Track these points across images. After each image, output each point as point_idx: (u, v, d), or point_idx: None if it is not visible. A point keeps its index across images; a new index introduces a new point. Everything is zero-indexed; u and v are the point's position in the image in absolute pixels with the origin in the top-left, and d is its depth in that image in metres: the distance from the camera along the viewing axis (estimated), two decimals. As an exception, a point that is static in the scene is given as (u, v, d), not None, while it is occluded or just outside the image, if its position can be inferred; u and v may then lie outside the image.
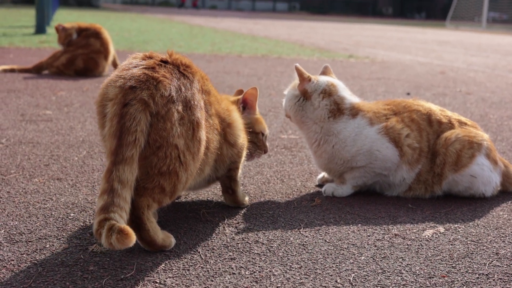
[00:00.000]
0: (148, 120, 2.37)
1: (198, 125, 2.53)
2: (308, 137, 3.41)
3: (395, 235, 2.79)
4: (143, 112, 2.35)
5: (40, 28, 14.24)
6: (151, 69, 2.47)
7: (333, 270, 2.38)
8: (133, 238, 2.13)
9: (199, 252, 2.48)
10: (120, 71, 2.50)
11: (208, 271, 2.31)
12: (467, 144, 3.31)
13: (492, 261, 2.53)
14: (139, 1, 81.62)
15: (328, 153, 3.34)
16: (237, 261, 2.42)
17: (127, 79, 2.42)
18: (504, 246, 2.70)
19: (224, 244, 2.58)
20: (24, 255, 2.37)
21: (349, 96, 3.39)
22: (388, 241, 2.72)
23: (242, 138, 2.99)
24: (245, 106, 3.17)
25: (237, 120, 2.95)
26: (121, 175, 2.28)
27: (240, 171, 3.08)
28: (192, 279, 2.24)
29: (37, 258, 2.35)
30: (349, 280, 2.30)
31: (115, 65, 8.10)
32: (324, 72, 3.54)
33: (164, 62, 2.56)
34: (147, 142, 2.38)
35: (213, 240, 2.62)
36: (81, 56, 7.68)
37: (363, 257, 2.52)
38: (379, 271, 2.39)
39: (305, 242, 2.66)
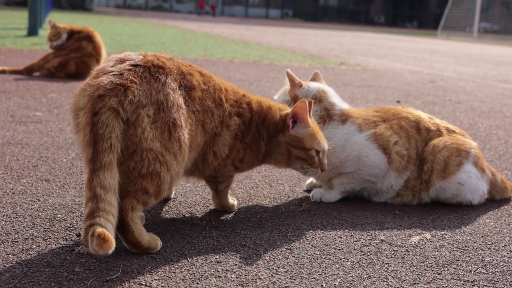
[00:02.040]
0: (121, 126, 2.38)
1: (174, 126, 2.50)
2: None
3: (382, 241, 2.80)
4: (115, 119, 2.36)
5: (32, 30, 14.21)
6: (118, 76, 2.46)
7: (319, 274, 2.38)
8: (110, 242, 2.13)
9: (185, 255, 2.48)
10: (90, 79, 2.52)
11: (194, 274, 2.31)
12: (455, 151, 3.33)
13: (477, 268, 2.54)
14: (132, 5, 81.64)
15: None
16: (223, 264, 2.42)
17: (95, 87, 2.43)
18: (490, 254, 2.72)
19: (211, 247, 2.58)
20: (10, 255, 2.37)
21: (339, 103, 3.41)
22: (374, 246, 2.73)
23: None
24: (296, 120, 2.93)
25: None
26: (102, 181, 2.29)
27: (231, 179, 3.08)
28: (178, 281, 2.24)
29: (23, 259, 2.35)
30: (335, 285, 2.30)
31: (106, 68, 8.07)
32: (314, 78, 3.55)
33: (135, 66, 2.53)
34: (124, 147, 2.39)
35: (200, 243, 2.62)
36: (73, 60, 7.67)
37: (349, 262, 2.52)
38: (365, 276, 2.40)
39: (291, 246, 2.66)
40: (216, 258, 2.47)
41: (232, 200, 3.15)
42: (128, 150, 2.40)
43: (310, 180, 3.61)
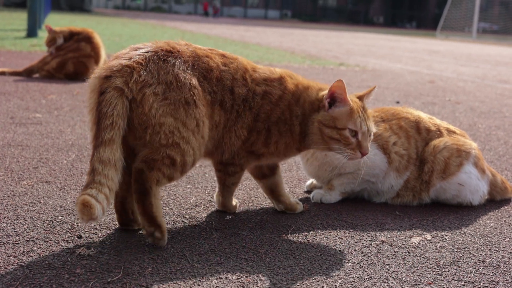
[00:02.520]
0: (126, 104, 2.47)
1: (188, 104, 2.56)
2: None
3: (382, 242, 2.81)
4: (119, 98, 2.47)
5: (31, 32, 14.21)
6: (127, 59, 2.56)
7: (320, 275, 2.39)
8: (91, 208, 2.24)
9: (186, 256, 2.48)
10: (104, 64, 2.64)
11: (195, 275, 2.32)
12: (455, 152, 3.33)
13: (478, 269, 2.55)
14: (131, 6, 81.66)
15: (319, 160, 3.35)
16: (224, 265, 2.42)
17: (104, 69, 2.55)
18: (490, 254, 2.72)
19: (211, 249, 2.58)
20: (11, 257, 2.37)
21: None
22: (375, 247, 2.73)
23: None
24: (334, 100, 2.82)
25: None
26: (101, 156, 2.40)
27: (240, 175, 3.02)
28: (179, 283, 2.24)
29: (24, 261, 2.35)
30: (336, 286, 2.31)
31: (106, 69, 8.08)
32: None
33: (146, 52, 2.62)
34: (135, 126, 2.51)
35: (201, 244, 2.62)
36: (71, 60, 7.67)
37: (350, 263, 2.53)
38: (366, 277, 2.40)
39: (292, 247, 2.66)
40: (217, 260, 2.47)
41: (235, 202, 3.15)
42: (141, 127, 2.51)
43: (311, 181, 3.61)
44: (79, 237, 2.62)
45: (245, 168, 3.00)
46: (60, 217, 2.85)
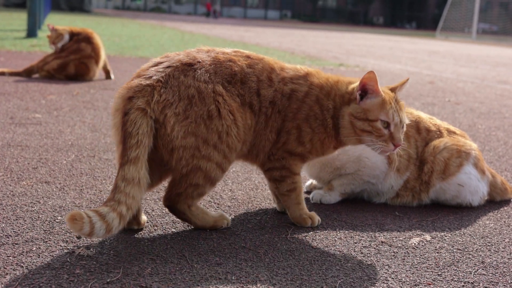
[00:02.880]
0: (150, 123, 2.53)
1: (210, 117, 2.60)
2: None
3: (382, 242, 2.81)
4: (143, 117, 2.52)
5: (31, 32, 14.22)
6: (147, 78, 2.59)
7: (319, 276, 2.39)
8: (77, 223, 2.27)
9: (185, 257, 2.48)
10: (127, 82, 2.67)
11: (194, 275, 2.31)
12: (455, 153, 3.33)
13: (477, 270, 2.54)
14: (130, 7, 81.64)
15: (321, 161, 3.35)
16: (223, 266, 2.42)
17: (127, 89, 2.59)
18: (490, 255, 2.72)
19: (211, 249, 2.58)
20: (10, 258, 2.37)
21: None
22: (374, 248, 2.73)
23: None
24: (365, 92, 2.78)
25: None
26: (126, 174, 2.45)
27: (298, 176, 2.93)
28: (178, 283, 2.24)
29: (23, 261, 2.35)
30: (335, 286, 2.30)
31: (106, 70, 8.10)
32: None
33: (166, 67, 2.65)
34: (159, 146, 2.58)
35: (200, 245, 2.62)
36: (73, 62, 7.66)
37: (349, 264, 2.53)
38: (365, 278, 2.40)
39: (292, 248, 2.66)
40: (216, 260, 2.47)
41: (311, 213, 2.99)
42: (166, 149, 2.59)
43: (310, 181, 3.61)
44: (79, 237, 2.62)
45: (296, 172, 2.90)
46: (59, 218, 2.85)
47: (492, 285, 2.40)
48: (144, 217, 2.80)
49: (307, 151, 2.87)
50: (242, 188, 3.56)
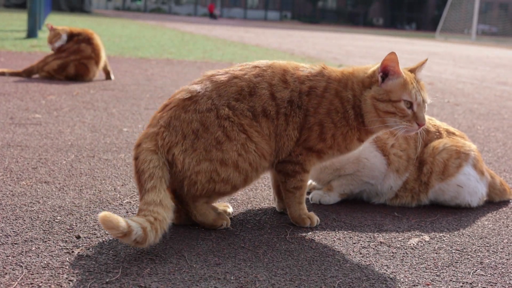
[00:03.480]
0: (162, 160, 2.65)
1: (219, 143, 2.67)
2: None
3: (381, 243, 2.81)
4: (154, 154, 2.65)
5: (31, 32, 14.22)
6: (154, 126, 2.73)
7: (318, 276, 2.39)
8: (104, 218, 2.31)
9: (184, 257, 2.48)
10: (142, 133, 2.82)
11: (193, 275, 2.32)
12: (455, 153, 3.33)
13: (476, 270, 2.55)
14: (131, 7, 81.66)
15: (317, 169, 3.35)
16: (222, 266, 2.42)
17: (137, 140, 2.76)
18: (489, 256, 2.72)
19: (210, 249, 2.58)
20: (10, 257, 2.37)
21: None
22: (373, 249, 2.73)
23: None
24: (386, 74, 2.80)
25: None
26: (146, 200, 2.54)
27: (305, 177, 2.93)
28: (177, 283, 2.24)
29: (23, 261, 2.35)
30: (334, 286, 2.31)
31: (106, 71, 8.10)
32: None
33: (170, 109, 2.76)
34: (175, 182, 2.72)
35: (199, 245, 2.62)
36: (73, 63, 7.67)
37: (348, 264, 2.53)
38: (364, 278, 2.40)
39: (291, 248, 2.67)
40: (215, 260, 2.47)
41: (310, 214, 2.99)
42: (180, 181, 2.71)
43: (309, 182, 3.61)
44: (78, 237, 2.62)
45: (307, 169, 2.90)
46: (59, 218, 2.85)
47: (491, 285, 2.41)
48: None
49: (327, 147, 2.86)
50: (241, 188, 3.55)
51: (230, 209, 3.04)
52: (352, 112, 2.82)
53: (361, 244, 2.78)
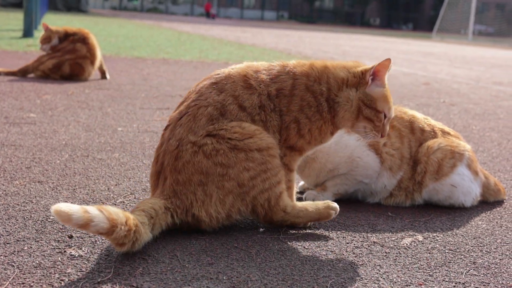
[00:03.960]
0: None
1: (225, 175, 2.65)
2: None
3: (374, 242, 2.81)
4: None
5: (27, 32, 14.21)
6: (158, 195, 2.71)
7: (311, 276, 2.39)
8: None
9: (177, 257, 2.48)
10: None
11: (185, 275, 2.31)
12: (449, 153, 3.33)
13: (469, 270, 2.55)
14: (127, 7, 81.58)
15: (316, 169, 3.35)
16: (215, 266, 2.42)
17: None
18: (482, 256, 2.72)
19: (203, 249, 2.58)
20: (2, 257, 2.36)
21: None
22: (366, 248, 2.73)
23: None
24: (375, 78, 2.80)
25: None
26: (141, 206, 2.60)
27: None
28: (170, 283, 2.24)
29: (15, 260, 2.34)
30: (327, 286, 2.31)
31: (101, 70, 8.09)
32: None
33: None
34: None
35: (192, 245, 2.62)
36: (68, 62, 7.66)
37: (341, 264, 2.53)
38: (357, 278, 2.40)
39: (283, 248, 2.66)
40: (208, 260, 2.47)
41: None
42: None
43: (302, 183, 3.61)
44: (70, 237, 2.62)
45: (293, 167, 2.90)
46: (51, 217, 2.84)
47: (484, 285, 2.41)
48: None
49: (306, 142, 2.85)
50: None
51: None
52: (326, 105, 2.81)
53: (354, 244, 2.77)
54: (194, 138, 2.67)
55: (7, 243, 2.50)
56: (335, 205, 2.88)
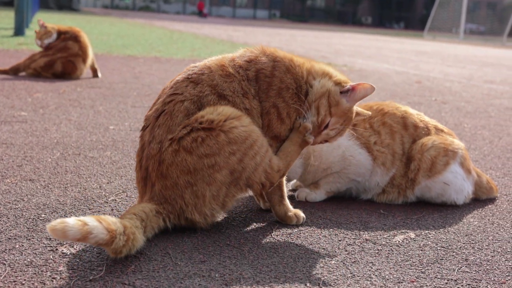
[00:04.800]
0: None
1: (213, 165, 2.57)
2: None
3: (366, 240, 2.81)
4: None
5: (19, 30, 14.15)
6: (148, 200, 2.64)
7: (303, 273, 2.39)
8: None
9: (169, 254, 2.47)
10: None
11: (178, 273, 2.31)
12: (442, 151, 3.34)
13: (461, 267, 2.55)
14: (119, 6, 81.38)
15: (311, 172, 3.35)
16: (207, 263, 2.41)
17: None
18: (474, 253, 2.73)
19: (195, 247, 2.57)
20: (-7, 255, 2.36)
21: None
22: (359, 246, 2.73)
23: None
24: (348, 92, 2.83)
25: None
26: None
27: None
28: (162, 281, 2.23)
29: (6, 258, 2.33)
30: (319, 283, 2.31)
31: (93, 69, 8.07)
32: None
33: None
34: None
35: (184, 242, 2.61)
36: (60, 60, 7.64)
37: (333, 261, 2.53)
38: (349, 275, 2.40)
39: (276, 245, 2.66)
40: (200, 258, 2.47)
41: (295, 211, 2.95)
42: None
43: (294, 180, 3.61)
44: (62, 235, 2.60)
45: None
46: (43, 215, 2.83)
47: (475, 282, 2.41)
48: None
49: (288, 128, 2.81)
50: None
51: None
52: (306, 86, 2.81)
53: (346, 241, 2.77)
54: (171, 135, 2.59)
55: (-2, 241, 2.49)
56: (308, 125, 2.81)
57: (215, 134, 2.56)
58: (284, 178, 2.92)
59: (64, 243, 2.51)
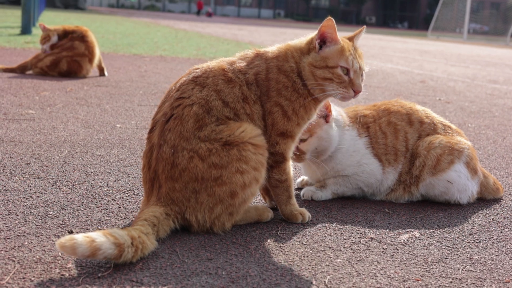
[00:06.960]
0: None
1: (217, 178, 2.62)
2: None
3: (371, 238, 2.83)
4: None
5: (25, 29, 14.21)
6: (154, 203, 2.66)
7: (309, 272, 2.41)
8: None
9: (176, 252, 2.50)
10: None
11: (185, 270, 2.33)
12: (448, 150, 3.35)
13: (465, 266, 2.57)
14: (125, 5, 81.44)
15: (322, 169, 3.38)
16: (214, 261, 2.44)
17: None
18: (478, 252, 2.75)
19: (202, 245, 2.60)
20: (2, 252, 2.38)
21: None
22: (364, 244, 2.75)
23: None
24: (324, 41, 2.81)
25: None
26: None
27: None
28: (169, 278, 2.26)
29: (15, 255, 2.36)
30: (325, 282, 2.33)
31: (100, 67, 8.10)
32: None
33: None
34: None
35: (191, 240, 2.63)
36: (65, 59, 7.68)
37: (339, 260, 2.55)
38: (354, 273, 2.42)
39: (282, 244, 2.68)
40: (207, 255, 2.49)
41: (301, 210, 3.00)
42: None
43: (301, 178, 3.63)
44: (70, 232, 2.63)
45: (287, 157, 2.88)
46: (51, 213, 2.86)
47: (480, 281, 2.43)
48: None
49: (296, 124, 2.84)
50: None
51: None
52: (300, 81, 2.82)
53: (352, 240, 2.80)
54: (186, 143, 2.63)
55: (8, 238, 2.52)
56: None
57: (228, 147, 2.64)
58: (292, 178, 2.96)
59: (73, 240, 2.54)
